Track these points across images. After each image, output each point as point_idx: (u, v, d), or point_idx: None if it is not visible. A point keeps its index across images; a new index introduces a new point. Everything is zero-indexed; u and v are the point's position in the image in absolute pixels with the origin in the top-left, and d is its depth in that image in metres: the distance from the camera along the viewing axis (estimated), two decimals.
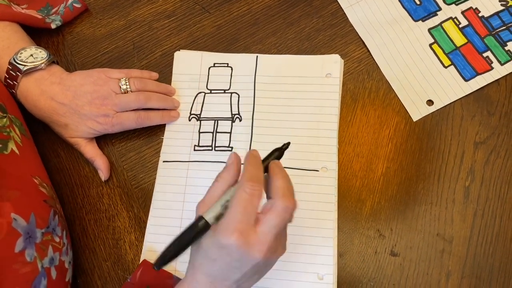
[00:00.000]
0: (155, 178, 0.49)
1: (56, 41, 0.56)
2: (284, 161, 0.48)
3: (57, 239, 0.40)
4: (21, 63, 0.46)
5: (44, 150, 0.51)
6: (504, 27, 0.51)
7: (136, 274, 0.44)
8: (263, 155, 0.48)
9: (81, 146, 0.49)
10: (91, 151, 0.49)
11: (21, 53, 0.47)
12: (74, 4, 0.55)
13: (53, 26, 0.54)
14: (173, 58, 0.54)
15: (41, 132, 0.52)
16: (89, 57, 0.55)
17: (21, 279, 0.35)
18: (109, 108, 0.47)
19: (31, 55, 0.47)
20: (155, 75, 0.51)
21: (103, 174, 0.49)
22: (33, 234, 0.37)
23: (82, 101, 0.46)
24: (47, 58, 0.47)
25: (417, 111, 0.49)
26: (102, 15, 0.57)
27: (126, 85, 0.48)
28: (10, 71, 0.46)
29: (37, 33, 0.55)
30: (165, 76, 0.53)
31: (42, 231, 0.38)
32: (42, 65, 0.46)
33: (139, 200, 0.49)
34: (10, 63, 0.46)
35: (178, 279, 0.44)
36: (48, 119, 0.48)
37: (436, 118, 0.49)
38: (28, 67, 0.46)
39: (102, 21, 0.56)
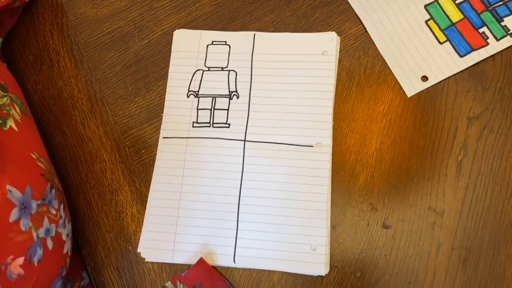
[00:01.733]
0: (156, 154, 0.51)
1: (61, 22, 0.57)
2: (280, 137, 0.50)
3: (54, 211, 0.42)
4: None
5: (50, 128, 0.54)
6: (501, 3, 0.51)
7: (193, 270, 0.46)
8: (259, 131, 0.50)
9: None
10: None
11: None
12: None
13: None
14: (172, 37, 0.55)
15: (47, 111, 0.54)
16: (92, 37, 0.56)
17: (17, 247, 0.37)
18: None
19: None
20: None
21: None
22: (29, 205, 0.39)
23: None
24: None
25: (412, 87, 0.50)
26: None
27: None
28: None
29: (42, 15, 0.57)
30: (165, 55, 0.54)
31: (37, 203, 0.40)
32: None
33: (140, 175, 0.51)
34: None
35: (229, 283, 0.46)
36: None
37: (431, 94, 0.50)
38: None
39: (104, 2, 0.58)
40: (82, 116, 0.53)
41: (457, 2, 0.52)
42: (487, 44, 0.50)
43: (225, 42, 0.54)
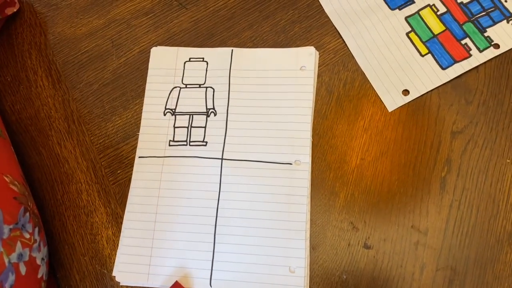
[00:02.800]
0: (132, 174, 0.50)
1: (39, 41, 0.57)
2: (257, 155, 0.48)
3: (27, 235, 0.41)
4: None
5: (26, 149, 0.53)
6: (484, 13, 0.50)
7: None
8: (237, 149, 0.48)
9: None
10: None
11: None
12: None
13: None
14: (150, 54, 0.54)
15: (24, 132, 0.53)
16: (70, 56, 0.56)
17: None
18: None
19: None
20: None
21: None
22: (0, 230, 0.38)
23: None
24: None
25: (393, 101, 0.48)
26: (83, 14, 0.57)
27: None
28: None
29: (21, 35, 0.56)
30: (142, 72, 0.53)
31: (10, 227, 0.39)
32: None
33: (116, 196, 0.50)
34: None
35: None
36: None
37: (412, 107, 0.48)
38: None
39: (83, 21, 0.57)
40: (59, 136, 0.53)
41: (438, 13, 0.51)
42: (470, 55, 0.49)
43: (203, 58, 0.53)
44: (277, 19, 0.54)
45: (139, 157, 0.50)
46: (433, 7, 0.51)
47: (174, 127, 0.50)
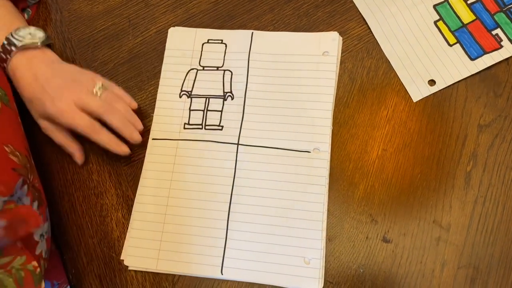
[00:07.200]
0: (144, 156, 0.48)
1: (55, 18, 0.56)
2: (275, 141, 0.47)
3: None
4: (19, 38, 0.46)
5: (38, 127, 0.51)
6: None
7: None
8: (254, 135, 0.47)
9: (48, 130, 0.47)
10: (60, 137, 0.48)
11: (20, 30, 0.46)
12: None
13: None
14: (167, 35, 0.52)
15: None
16: (85, 34, 0.54)
17: None
18: (71, 97, 0.45)
19: (30, 33, 0.47)
20: (134, 104, 0.48)
21: (78, 159, 0.48)
22: None
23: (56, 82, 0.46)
24: (44, 38, 0.47)
25: (418, 91, 0.47)
26: None
27: (100, 90, 0.46)
28: (5, 46, 0.46)
29: (36, 12, 0.55)
30: (158, 53, 0.52)
31: (4, 199, 0.37)
32: (38, 44, 0.46)
33: (127, 178, 0.48)
34: (6, 38, 0.46)
35: None
36: (27, 98, 0.47)
37: (438, 99, 0.46)
38: (24, 43, 0.46)
39: None
40: None
41: (468, 2, 0.49)
42: (501, 47, 0.47)
43: (221, 40, 0.51)
44: (300, 2, 0.52)
45: (153, 139, 0.49)
46: None
47: (190, 110, 0.49)
